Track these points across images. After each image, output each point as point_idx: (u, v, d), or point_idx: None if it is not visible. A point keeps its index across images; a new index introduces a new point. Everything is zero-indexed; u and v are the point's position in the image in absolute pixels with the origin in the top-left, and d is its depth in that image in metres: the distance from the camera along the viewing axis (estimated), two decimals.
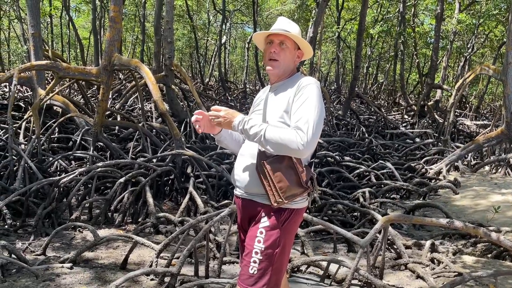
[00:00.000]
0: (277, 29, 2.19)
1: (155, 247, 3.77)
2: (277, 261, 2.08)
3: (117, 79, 15.49)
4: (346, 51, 27.76)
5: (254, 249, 2.08)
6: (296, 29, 2.22)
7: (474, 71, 11.03)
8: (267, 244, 2.06)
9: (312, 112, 1.99)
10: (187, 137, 9.20)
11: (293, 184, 2.02)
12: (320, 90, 2.10)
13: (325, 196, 6.01)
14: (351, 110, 14.73)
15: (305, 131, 1.95)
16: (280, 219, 2.09)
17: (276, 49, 2.18)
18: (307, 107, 2.00)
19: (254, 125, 2.03)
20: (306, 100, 2.02)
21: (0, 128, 7.99)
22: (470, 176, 8.67)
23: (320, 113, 2.03)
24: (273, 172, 2.01)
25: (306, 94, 2.04)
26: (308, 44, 2.26)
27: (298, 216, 2.16)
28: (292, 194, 2.02)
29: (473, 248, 4.42)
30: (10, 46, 22.52)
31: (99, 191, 6.19)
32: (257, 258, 2.07)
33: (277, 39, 2.18)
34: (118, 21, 6.88)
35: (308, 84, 2.08)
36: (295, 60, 2.24)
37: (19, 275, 3.51)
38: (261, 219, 2.10)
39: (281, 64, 2.18)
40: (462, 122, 16.46)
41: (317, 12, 10.59)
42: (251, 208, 2.17)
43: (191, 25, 23.12)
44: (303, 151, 1.95)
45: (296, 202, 2.10)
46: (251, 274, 2.07)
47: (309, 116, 1.98)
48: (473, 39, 21.01)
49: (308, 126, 1.96)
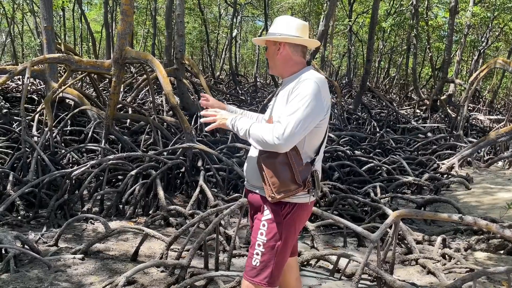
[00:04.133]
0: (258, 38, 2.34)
1: (166, 239, 3.80)
2: (279, 254, 2.10)
3: (128, 72, 15.57)
4: (358, 44, 27.47)
5: (257, 241, 2.12)
6: (276, 25, 2.21)
7: (488, 65, 10.86)
8: (269, 237, 2.09)
9: (299, 108, 1.96)
10: (198, 130, 9.22)
11: (286, 180, 2.01)
12: (318, 85, 2.02)
13: (335, 191, 5.98)
14: (363, 104, 14.61)
15: (284, 125, 1.93)
16: (282, 212, 2.10)
17: (266, 55, 2.31)
18: (295, 102, 1.98)
19: (242, 123, 2.08)
20: (297, 96, 2.00)
21: (14, 121, 8.09)
22: (482, 171, 8.57)
23: (310, 109, 1.96)
24: (266, 167, 2.03)
25: (299, 90, 2.01)
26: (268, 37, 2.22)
27: (302, 211, 2.15)
28: (285, 190, 2.01)
29: (486, 244, 4.36)
30: (24, 39, 22.74)
31: (110, 184, 6.24)
32: (259, 250, 2.10)
33: (265, 45, 2.34)
34: (130, 15, 6.89)
35: (305, 79, 2.04)
36: (276, 52, 2.21)
37: (31, 265, 3.56)
38: (264, 212, 2.14)
39: (271, 64, 2.28)
40: (475, 116, 16.23)
41: (329, 6, 10.48)
42: (255, 200, 2.22)
43: (202, 18, 23.08)
44: (279, 145, 1.93)
45: (298, 197, 2.09)
46: (254, 266, 2.11)
47: (293, 110, 1.96)
48: (487, 32, 20.66)
49: (288, 121, 1.93)
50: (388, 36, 25.82)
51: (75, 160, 6.70)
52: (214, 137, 9.05)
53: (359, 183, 6.98)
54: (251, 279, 2.12)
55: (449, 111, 15.00)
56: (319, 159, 2.18)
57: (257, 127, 2.02)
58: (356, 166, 7.34)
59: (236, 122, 2.10)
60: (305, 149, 2.10)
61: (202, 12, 22.92)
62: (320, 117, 2.04)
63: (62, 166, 6.23)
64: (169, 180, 6.30)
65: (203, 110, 2.25)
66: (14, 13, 19.06)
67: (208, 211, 3.98)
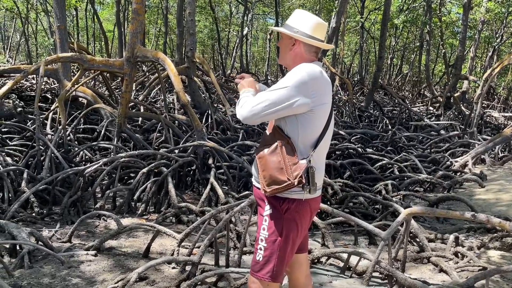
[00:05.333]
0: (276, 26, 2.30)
1: (177, 236, 3.82)
2: (280, 249, 2.09)
3: (140, 71, 15.67)
4: (370, 41, 27.26)
5: (260, 236, 2.14)
6: (293, 18, 2.22)
7: (503, 61, 10.69)
8: (270, 232, 2.10)
9: (275, 90, 2.03)
10: (209, 128, 9.25)
11: (275, 174, 2.00)
12: (307, 77, 2.01)
13: (346, 188, 5.95)
14: (375, 102, 14.51)
15: (253, 101, 2.05)
16: (281, 208, 2.10)
17: (278, 43, 2.31)
18: (276, 85, 2.06)
19: (245, 93, 2.16)
20: (281, 80, 2.07)
21: (28, 119, 8.21)
22: (497, 169, 8.45)
23: (285, 95, 2.00)
24: (260, 161, 2.07)
25: (286, 76, 2.07)
26: (281, 29, 2.24)
27: (302, 207, 2.11)
28: (274, 184, 2.00)
29: (499, 243, 4.31)
30: (38, 39, 23.03)
31: (122, 181, 6.30)
32: (262, 245, 2.12)
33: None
34: (141, 13, 6.93)
35: (297, 68, 2.07)
36: (290, 47, 2.22)
37: (45, 261, 3.62)
38: (265, 207, 2.15)
39: (281, 54, 2.28)
40: (489, 113, 16.00)
41: (340, 2, 10.42)
42: (258, 195, 2.24)
43: (213, 16, 23.12)
44: (241, 115, 2.06)
45: (295, 193, 2.07)
46: (257, 260, 2.13)
47: (269, 90, 2.05)
48: (502, 28, 20.33)
49: (258, 98, 2.04)
50: (401, 33, 25.58)
51: (88, 158, 6.78)
52: (225, 135, 9.07)
53: (370, 181, 6.94)
54: (255, 274, 2.14)
55: (462, 108, 14.82)
56: (318, 155, 2.13)
57: (243, 99, 2.12)
58: (367, 164, 7.30)
59: (243, 93, 2.18)
60: (299, 143, 2.07)
61: (213, 10, 22.95)
62: (301, 107, 2.02)
63: (75, 163, 6.31)
64: (180, 177, 6.34)
65: None
66: (28, 13, 19.32)
67: (219, 208, 4.00)
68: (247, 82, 2.26)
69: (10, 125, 7.54)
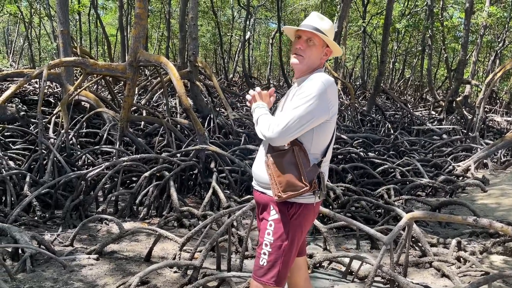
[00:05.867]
0: (306, 25, 2.19)
1: (179, 240, 3.82)
2: (286, 254, 2.11)
3: (142, 75, 15.72)
4: (372, 46, 27.31)
5: (264, 241, 2.13)
6: (327, 26, 2.20)
7: (505, 65, 10.69)
8: (276, 237, 2.10)
9: (300, 106, 2.00)
10: (211, 132, 9.26)
11: (293, 180, 2.02)
12: (325, 86, 2.03)
13: (348, 193, 5.95)
14: (377, 106, 14.50)
15: (281, 119, 2.00)
16: (289, 213, 2.11)
17: (302, 45, 2.19)
18: (298, 100, 2.03)
19: (259, 112, 2.15)
20: (301, 93, 2.04)
21: (31, 123, 8.24)
22: (499, 174, 8.42)
23: (311, 108, 1.99)
24: (274, 166, 2.06)
25: (304, 88, 2.05)
26: (336, 44, 2.24)
27: (308, 211, 2.15)
28: (291, 189, 2.02)
29: (502, 247, 4.30)
30: (41, 43, 23.15)
31: (124, 185, 6.31)
32: (266, 250, 2.11)
33: (304, 35, 2.19)
34: (144, 18, 6.96)
35: (313, 79, 2.07)
36: (321, 57, 2.23)
37: (47, 265, 3.62)
38: (270, 211, 2.15)
39: (305, 60, 2.19)
40: (492, 118, 15.99)
41: (342, 7, 10.46)
42: (262, 199, 2.22)
43: (215, 21, 23.21)
44: (272, 138, 2.02)
45: (304, 197, 2.10)
46: (261, 265, 2.13)
47: (293, 107, 2.01)
48: (504, 32, 20.33)
49: (285, 117, 2.00)
50: (403, 37, 25.61)
51: (90, 162, 6.80)
52: (227, 139, 9.08)
53: (372, 185, 6.93)
54: (258, 279, 2.14)
55: (465, 112, 14.80)
56: (326, 161, 2.18)
57: (263, 117, 2.10)
58: (369, 168, 7.29)
59: (256, 109, 2.17)
60: (312, 150, 2.11)
61: (215, 15, 23.04)
62: (322, 118, 2.06)
63: (78, 167, 6.32)
64: (182, 181, 6.35)
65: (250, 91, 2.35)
66: (31, 17, 19.43)
67: (221, 212, 4.00)
68: (260, 95, 2.26)
69: (13, 129, 7.57)
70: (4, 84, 12.37)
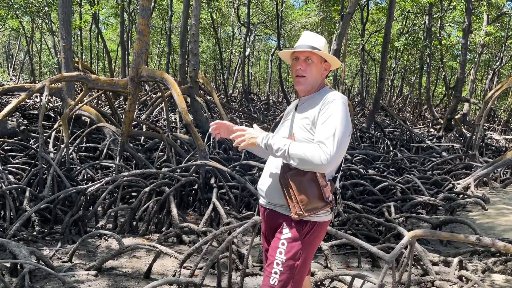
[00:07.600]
0: (301, 45, 2.21)
1: (179, 257, 3.79)
2: (297, 273, 2.09)
3: (143, 90, 15.80)
4: (371, 63, 27.55)
5: (275, 260, 2.09)
6: (322, 42, 2.23)
7: (503, 84, 10.78)
8: (288, 256, 2.07)
9: (337, 128, 1.99)
10: (211, 148, 9.26)
11: (314, 197, 2.02)
12: (346, 105, 2.09)
13: (349, 210, 5.93)
14: (376, 123, 14.55)
15: (329, 146, 1.96)
16: (302, 232, 2.09)
17: (302, 65, 2.21)
18: (332, 122, 2.01)
19: (278, 142, 2.04)
20: (331, 116, 2.03)
21: (31, 137, 8.24)
22: (499, 192, 8.42)
23: (345, 129, 2.01)
24: (295, 184, 2.02)
25: (331, 109, 2.04)
26: (333, 56, 2.27)
27: (321, 229, 2.16)
28: (313, 207, 2.02)
29: (504, 266, 4.26)
30: (42, 58, 23.29)
31: (124, 200, 6.28)
32: (278, 269, 2.08)
33: (302, 55, 2.22)
34: (146, 34, 7.03)
35: (334, 99, 2.08)
36: (322, 73, 2.26)
37: (46, 281, 3.58)
38: (283, 230, 2.12)
39: (308, 79, 2.21)
40: (490, 136, 16.04)
41: (341, 25, 10.58)
42: (274, 218, 2.19)
43: (215, 37, 23.43)
44: (326, 166, 1.95)
45: (319, 216, 2.10)
46: (272, 285, 2.09)
47: (333, 131, 1.98)
48: (501, 51, 20.55)
49: (331, 141, 1.96)
50: (401, 55, 25.86)
51: (90, 177, 6.77)
52: (227, 154, 9.08)
53: (373, 202, 6.91)
54: None
55: (463, 130, 14.86)
56: (338, 177, 2.21)
57: (298, 146, 2.00)
58: (369, 185, 7.28)
59: (269, 141, 2.06)
60: None
61: (216, 32, 23.27)
62: (350, 135, 2.09)
63: (77, 182, 6.30)
64: (182, 197, 6.32)
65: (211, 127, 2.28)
66: (33, 32, 19.59)
67: (221, 229, 3.97)
68: (254, 130, 2.16)
69: (13, 143, 7.56)
70: (4, 98, 12.40)
